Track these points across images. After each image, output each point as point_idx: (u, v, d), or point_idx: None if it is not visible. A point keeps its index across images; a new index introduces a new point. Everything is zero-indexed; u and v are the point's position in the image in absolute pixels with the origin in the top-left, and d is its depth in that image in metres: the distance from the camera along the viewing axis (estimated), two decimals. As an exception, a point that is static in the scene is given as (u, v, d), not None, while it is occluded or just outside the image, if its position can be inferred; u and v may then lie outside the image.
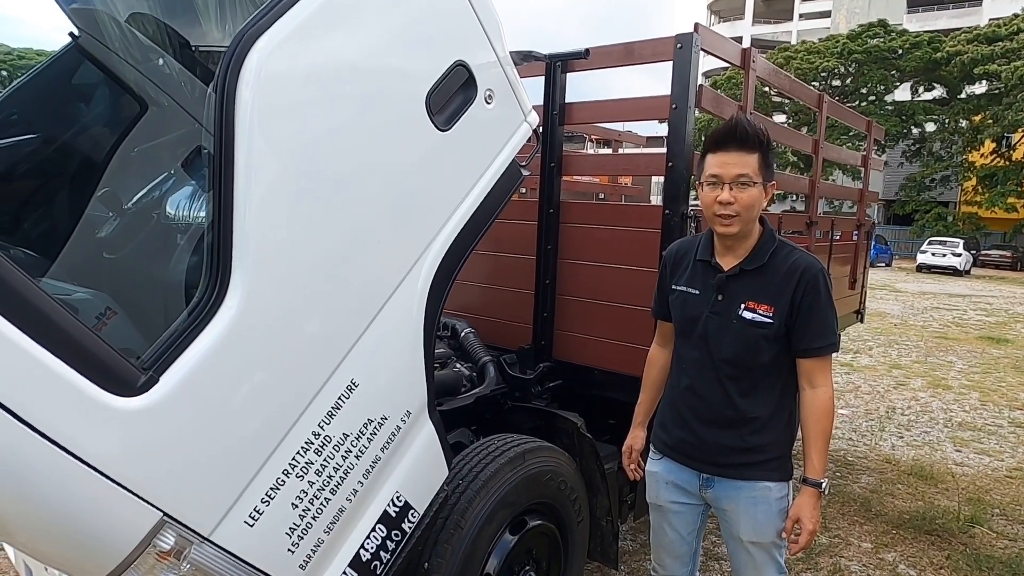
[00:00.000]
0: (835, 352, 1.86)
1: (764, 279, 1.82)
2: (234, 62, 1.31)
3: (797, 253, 1.85)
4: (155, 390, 1.24)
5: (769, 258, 1.83)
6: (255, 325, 1.35)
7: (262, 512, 1.42)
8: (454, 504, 1.99)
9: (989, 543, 3.72)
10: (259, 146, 1.35)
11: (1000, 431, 5.84)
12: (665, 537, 2.09)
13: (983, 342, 10.38)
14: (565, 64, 2.80)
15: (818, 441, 1.82)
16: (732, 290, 1.85)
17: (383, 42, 1.60)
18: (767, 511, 1.88)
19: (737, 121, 1.78)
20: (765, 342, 1.81)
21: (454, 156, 1.76)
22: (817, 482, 1.81)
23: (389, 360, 1.66)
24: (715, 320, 1.86)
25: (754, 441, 1.86)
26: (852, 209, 8.83)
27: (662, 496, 2.05)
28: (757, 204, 1.77)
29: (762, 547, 1.92)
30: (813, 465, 1.82)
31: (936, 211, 29.97)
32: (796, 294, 1.78)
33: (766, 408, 1.86)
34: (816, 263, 1.83)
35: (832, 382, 1.87)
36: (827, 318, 1.80)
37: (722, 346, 1.85)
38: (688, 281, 1.94)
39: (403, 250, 1.67)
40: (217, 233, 1.31)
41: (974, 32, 27.82)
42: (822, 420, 1.82)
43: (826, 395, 1.83)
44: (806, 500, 1.82)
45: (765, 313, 1.80)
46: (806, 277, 1.78)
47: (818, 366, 1.83)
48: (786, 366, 1.86)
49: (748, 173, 1.74)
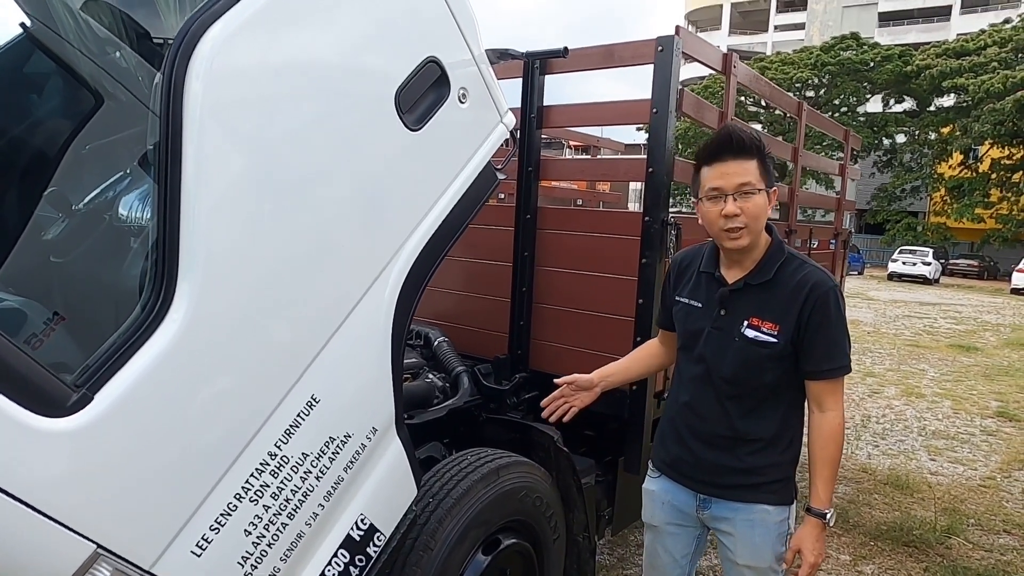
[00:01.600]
0: (847, 374, 1.74)
1: (770, 295, 1.72)
2: (183, 50, 1.20)
3: (807, 268, 1.73)
4: (88, 410, 1.12)
5: (776, 272, 1.72)
6: (203, 338, 1.24)
7: (211, 540, 1.30)
8: (423, 524, 1.89)
9: (966, 554, 3.71)
10: (210, 144, 1.24)
11: (972, 439, 5.89)
12: (658, 559, 1.99)
13: (954, 350, 10.53)
14: (543, 66, 2.73)
15: (824, 469, 1.72)
16: (736, 305, 1.75)
17: (349, 35, 1.50)
18: (765, 535, 1.79)
19: (731, 129, 1.69)
20: (769, 362, 1.71)
21: (425, 157, 1.66)
22: (821, 512, 1.70)
23: (354, 374, 1.55)
24: (717, 336, 1.77)
25: (753, 463, 1.77)
26: (825, 218, 8.91)
27: (658, 516, 1.96)
28: (763, 212, 1.67)
29: (759, 572, 1.82)
30: (818, 494, 1.72)
31: (906, 221, 30.59)
32: (804, 312, 1.67)
33: (767, 430, 1.77)
34: (827, 280, 1.71)
35: (843, 406, 1.75)
36: (837, 338, 1.69)
37: (723, 364, 1.75)
38: (691, 293, 1.85)
39: (369, 256, 1.57)
40: (162, 238, 1.20)
41: (943, 46, 28.48)
42: (829, 446, 1.71)
43: (835, 420, 1.71)
44: (808, 531, 1.72)
45: (769, 331, 1.70)
46: (815, 294, 1.67)
47: (827, 389, 1.72)
48: (792, 386, 1.76)
49: (750, 181, 1.64)
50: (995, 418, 6.64)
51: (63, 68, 2.14)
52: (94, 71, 2.12)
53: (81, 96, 2.21)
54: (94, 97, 2.18)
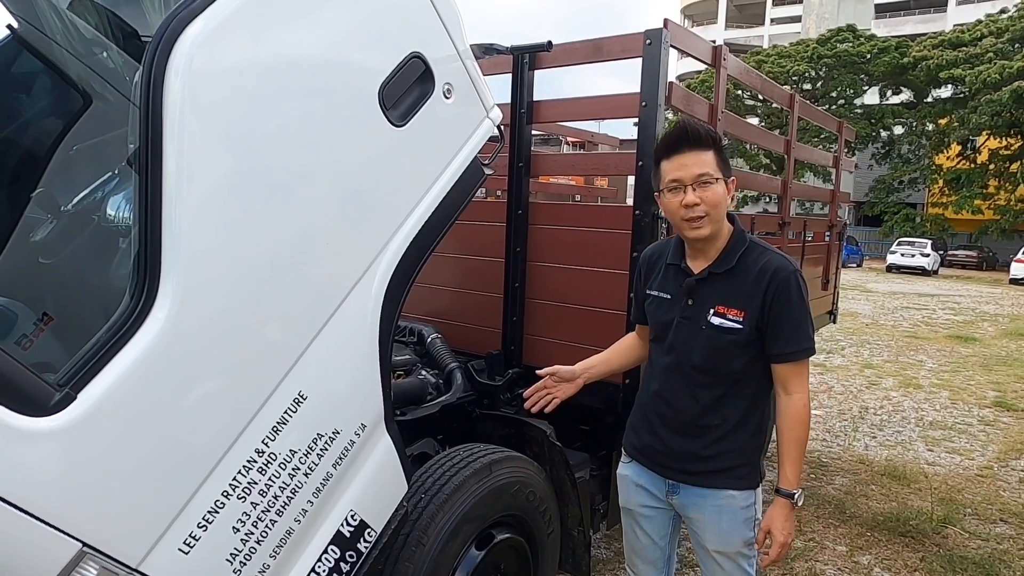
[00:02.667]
0: (811, 356, 1.80)
1: (734, 282, 1.76)
2: (162, 48, 1.20)
3: (769, 254, 1.78)
4: (71, 409, 1.12)
5: (739, 260, 1.77)
6: (186, 336, 1.24)
7: (199, 538, 1.30)
8: (416, 520, 1.89)
9: (962, 543, 3.72)
10: (191, 142, 1.24)
11: (970, 429, 5.89)
12: (637, 542, 2.05)
13: (952, 341, 10.54)
14: (532, 61, 2.73)
15: (792, 451, 1.77)
16: (702, 294, 1.80)
17: (331, 31, 1.50)
18: (732, 520, 1.84)
19: (686, 123, 1.75)
20: (736, 348, 1.76)
21: (410, 153, 1.66)
22: (789, 493, 1.75)
23: (341, 370, 1.55)
24: (686, 326, 1.82)
25: (719, 448, 1.82)
26: (823, 211, 8.92)
27: (632, 500, 2.02)
28: (723, 201, 1.73)
29: (728, 556, 1.87)
30: (786, 475, 1.77)
31: (904, 212, 30.55)
32: (767, 297, 1.72)
33: (735, 416, 1.81)
34: (788, 264, 1.77)
35: (808, 388, 1.81)
36: (800, 322, 1.74)
37: (692, 353, 1.80)
38: (660, 285, 1.91)
39: (355, 253, 1.57)
40: (144, 237, 1.20)
41: (939, 38, 28.41)
42: (796, 428, 1.76)
43: (801, 402, 1.77)
44: (778, 511, 1.76)
45: (735, 318, 1.75)
46: (777, 279, 1.72)
47: (793, 372, 1.77)
48: (760, 371, 1.81)
49: (708, 171, 1.70)
50: (992, 408, 6.65)
51: (51, 68, 2.14)
52: (82, 71, 2.12)
53: (69, 96, 2.20)
54: (82, 97, 2.18)
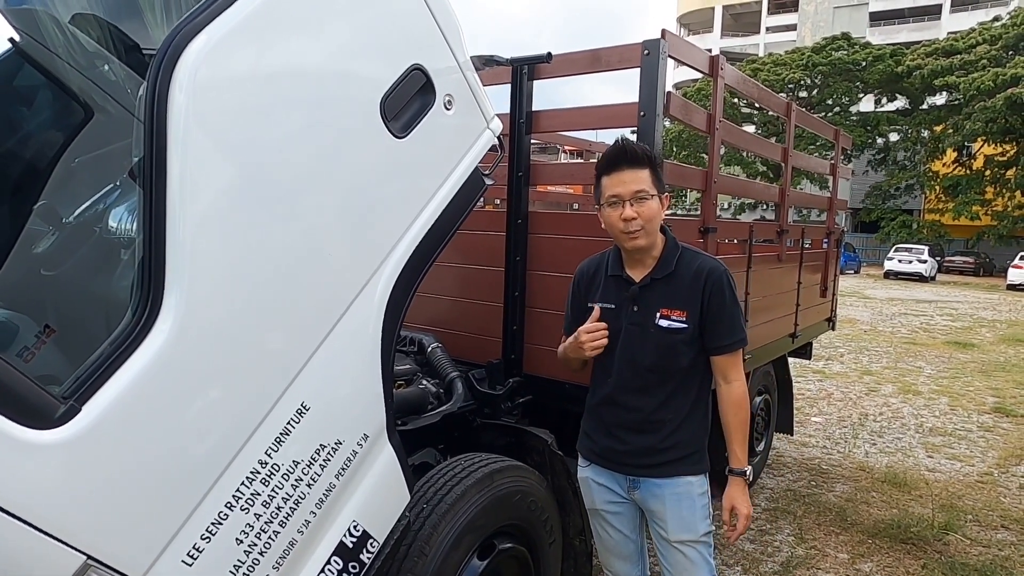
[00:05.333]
0: (743, 346, 1.96)
1: (674, 286, 1.91)
2: (167, 62, 1.21)
3: (701, 257, 1.95)
4: (76, 421, 1.12)
5: (676, 265, 1.92)
6: (190, 349, 1.25)
7: (202, 550, 1.30)
8: (418, 530, 1.89)
9: (963, 550, 3.71)
10: (195, 155, 1.25)
11: (969, 435, 5.89)
12: (609, 539, 2.13)
13: (950, 347, 10.55)
14: (532, 71, 2.74)
15: (738, 433, 1.94)
16: (646, 300, 1.93)
17: (333, 44, 1.51)
18: (691, 506, 1.96)
19: (625, 142, 1.87)
20: (683, 346, 1.89)
21: (412, 164, 1.67)
22: (742, 471, 1.93)
23: (343, 381, 1.56)
24: (634, 331, 1.93)
25: (674, 439, 1.94)
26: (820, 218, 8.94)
27: (597, 500, 2.10)
28: (658, 215, 1.87)
29: (692, 545, 1.97)
30: (736, 455, 1.94)
31: (901, 219, 30.66)
32: (704, 296, 1.88)
33: (684, 408, 1.95)
34: (719, 265, 1.93)
35: (744, 376, 1.98)
36: (734, 315, 1.91)
37: (644, 354, 1.92)
38: (603, 296, 2.01)
39: (357, 264, 1.58)
40: (148, 250, 1.21)
41: (933, 45, 28.58)
42: (740, 412, 1.94)
43: (740, 389, 1.94)
44: (736, 489, 1.93)
45: (679, 318, 1.89)
46: (711, 279, 1.88)
47: (730, 362, 1.93)
48: (702, 365, 1.95)
49: (644, 188, 1.83)
50: (992, 414, 6.65)
51: (52, 81, 2.15)
52: (83, 84, 2.13)
53: (71, 109, 2.21)
54: (84, 110, 2.19)
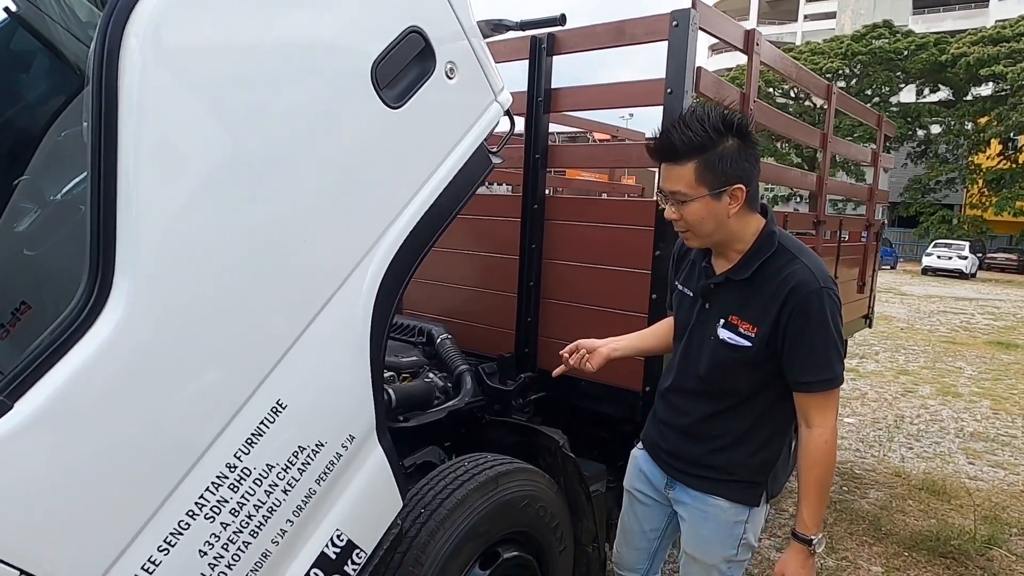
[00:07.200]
0: (834, 388, 1.55)
1: (751, 292, 1.56)
2: (117, 14, 1.06)
3: (796, 265, 1.52)
4: (6, 419, 0.99)
5: (760, 267, 1.55)
6: (143, 339, 1.10)
7: (159, 562, 1.17)
8: (413, 537, 1.74)
9: (1009, 566, 3.47)
10: (152, 121, 1.10)
11: (1014, 442, 5.58)
12: (629, 524, 2.00)
13: (992, 347, 10.10)
14: (551, 46, 2.56)
15: (809, 492, 1.56)
16: (718, 299, 1.63)
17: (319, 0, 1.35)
18: (714, 529, 1.72)
19: (664, 129, 1.52)
20: (741, 367, 1.58)
21: (407, 138, 1.50)
22: (806, 538, 1.56)
23: (326, 376, 1.41)
24: (698, 331, 1.68)
25: (716, 460, 1.69)
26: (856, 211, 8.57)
27: (634, 483, 1.97)
28: (702, 219, 1.52)
29: (704, 567, 1.75)
30: (802, 518, 1.58)
31: (941, 213, 29.67)
32: (782, 316, 1.50)
33: (737, 429, 1.66)
34: (813, 280, 1.49)
35: (834, 423, 1.57)
36: (820, 348, 1.50)
37: (699, 362, 1.66)
38: (685, 280, 1.77)
39: (343, 247, 1.42)
40: (95, 228, 1.07)
41: (980, 33, 27.47)
42: (815, 468, 1.55)
43: (821, 438, 1.54)
44: (792, 556, 1.59)
45: (746, 333, 1.55)
46: (796, 297, 1.48)
47: (811, 403, 1.55)
48: (774, 392, 1.61)
49: (680, 189, 1.50)
50: (1038, 419, 6.31)
51: (47, 47, 2.04)
52: (79, 50, 2.01)
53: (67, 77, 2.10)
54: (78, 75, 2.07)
